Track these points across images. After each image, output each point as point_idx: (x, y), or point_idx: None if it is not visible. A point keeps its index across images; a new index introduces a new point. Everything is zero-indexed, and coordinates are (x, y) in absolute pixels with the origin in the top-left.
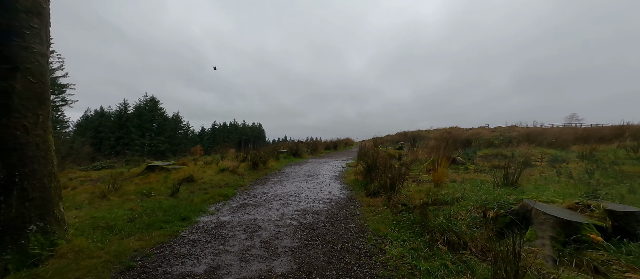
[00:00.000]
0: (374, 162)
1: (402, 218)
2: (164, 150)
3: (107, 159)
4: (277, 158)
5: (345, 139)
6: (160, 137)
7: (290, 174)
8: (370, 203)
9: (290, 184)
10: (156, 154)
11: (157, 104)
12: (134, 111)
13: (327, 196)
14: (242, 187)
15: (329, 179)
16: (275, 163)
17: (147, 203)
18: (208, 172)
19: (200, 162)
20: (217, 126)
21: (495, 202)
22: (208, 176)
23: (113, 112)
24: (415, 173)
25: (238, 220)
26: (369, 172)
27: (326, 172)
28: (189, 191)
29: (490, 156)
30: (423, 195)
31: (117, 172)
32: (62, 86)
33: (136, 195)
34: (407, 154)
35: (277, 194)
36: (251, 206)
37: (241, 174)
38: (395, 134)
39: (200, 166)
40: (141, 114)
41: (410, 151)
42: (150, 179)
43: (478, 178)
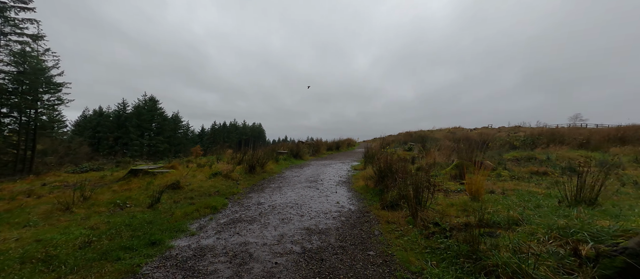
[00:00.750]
0: (387, 167)
1: (437, 243)
2: (163, 150)
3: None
4: (276, 160)
5: (347, 140)
6: (159, 137)
7: (290, 179)
8: (389, 219)
9: (291, 192)
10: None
11: (156, 103)
12: (133, 110)
13: (335, 208)
14: (234, 196)
15: (334, 185)
16: (274, 166)
17: (116, 218)
18: (198, 177)
19: (193, 164)
20: (217, 126)
21: (583, 231)
22: (197, 181)
23: (112, 112)
24: (438, 180)
25: (224, 244)
26: (381, 179)
27: (331, 176)
28: (173, 200)
29: (522, 160)
30: (459, 211)
31: (97, 177)
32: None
33: (108, 206)
34: (418, 156)
35: (276, 205)
36: (243, 223)
37: (235, 180)
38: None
39: (191, 170)
40: (140, 113)
41: (422, 153)
42: (131, 185)
43: (520, 188)
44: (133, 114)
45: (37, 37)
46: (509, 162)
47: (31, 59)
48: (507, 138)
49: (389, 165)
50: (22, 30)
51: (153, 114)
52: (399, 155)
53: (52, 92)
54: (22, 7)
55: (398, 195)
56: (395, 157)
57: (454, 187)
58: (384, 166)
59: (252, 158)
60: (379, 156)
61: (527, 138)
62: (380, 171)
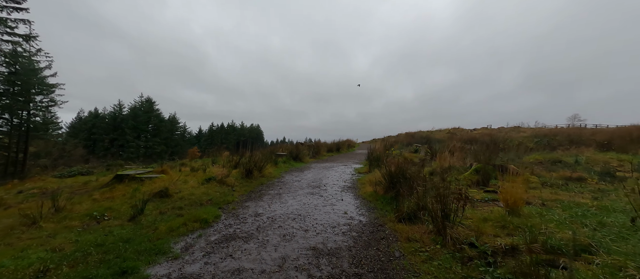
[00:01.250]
0: (400, 172)
1: (478, 273)
2: (159, 152)
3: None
4: (275, 163)
5: (347, 141)
6: (156, 139)
7: (291, 184)
8: (409, 235)
9: (292, 200)
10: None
11: (153, 104)
12: (129, 112)
13: (344, 220)
14: (229, 206)
15: (340, 191)
16: (273, 169)
17: (87, 236)
18: (190, 182)
19: (187, 168)
20: (214, 127)
21: None
22: (189, 188)
23: (107, 113)
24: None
25: (213, 272)
26: (392, 185)
27: (334, 180)
28: (159, 211)
29: (546, 163)
30: (496, 228)
31: (81, 183)
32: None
33: (83, 219)
34: (426, 158)
35: (276, 217)
36: (237, 240)
37: (231, 186)
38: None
39: (184, 174)
40: (136, 115)
41: (428, 155)
42: (115, 192)
43: (561, 198)
44: (129, 115)
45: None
46: (533, 166)
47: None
48: (520, 139)
49: (402, 170)
50: (13, 30)
51: (149, 115)
52: (406, 157)
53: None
54: (15, 7)
55: (416, 205)
56: (401, 159)
57: (479, 195)
58: (395, 170)
59: (249, 161)
60: (386, 158)
61: (541, 139)
62: (390, 176)
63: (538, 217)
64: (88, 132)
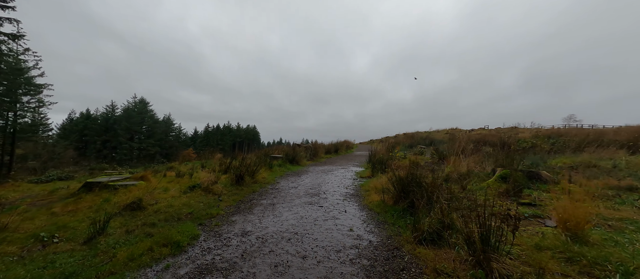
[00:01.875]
0: (412, 179)
1: None
2: (154, 153)
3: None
4: (270, 167)
5: (345, 142)
6: (149, 141)
7: (286, 192)
8: (436, 264)
9: (287, 212)
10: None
11: (146, 105)
12: (122, 113)
13: (350, 241)
14: (212, 221)
15: (342, 200)
16: (267, 174)
17: (17, 270)
18: (171, 191)
19: (173, 173)
20: (210, 128)
21: None
22: (168, 198)
23: (100, 114)
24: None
25: None
26: (404, 193)
27: (335, 187)
28: (125, 229)
29: (579, 168)
30: (561, 262)
31: (47, 192)
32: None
33: (26, 242)
34: (433, 161)
35: (267, 236)
36: (214, 274)
37: (218, 194)
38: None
39: (166, 181)
40: (129, 116)
41: (435, 158)
42: (80, 204)
43: (624, 215)
44: (122, 116)
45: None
46: (567, 172)
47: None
48: (531, 139)
49: (415, 176)
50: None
51: (143, 116)
52: (412, 160)
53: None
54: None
55: (440, 222)
56: (407, 162)
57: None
58: (406, 176)
59: (240, 166)
60: (390, 162)
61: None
62: (401, 183)
63: (614, 245)
64: (79, 133)
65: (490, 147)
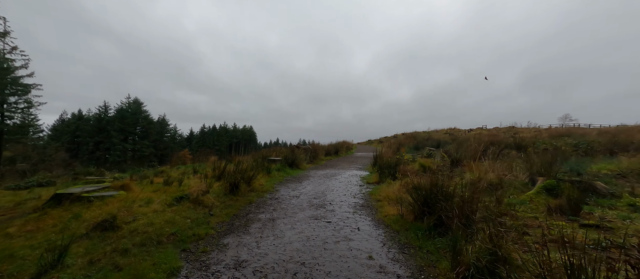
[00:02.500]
0: (437, 190)
1: None
2: (148, 155)
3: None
4: (268, 172)
5: (345, 143)
6: (144, 142)
7: (288, 203)
8: None
9: (290, 231)
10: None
11: (140, 106)
12: (115, 113)
13: (372, 275)
14: (199, 244)
15: (351, 213)
16: (265, 180)
17: None
18: (155, 203)
19: (160, 179)
20: (206, 129)
21: None
22: (150, 212)
23: (92, 115)
24: (523, 213)
25: None
26: (428, 208)
27: (341, 195)
28: (89, 258)
29: (633, 176)
30: None
31: (12, 204)
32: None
33: None
34: (445, 165)
35: (267, 268)
36: None
37: (209, 207)
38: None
39: (151, 190)
40: (123, 117)
41: (449, 162)
42: (44, 221)
43: None
44: (116, 117)
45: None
46: (618, 181)
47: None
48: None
49: (441, 187)
50: None
51: (137, 117)
52: (422, 164)
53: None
54: None
55: (491, 254)
56: (417, 166)
57: (580, 233)
58: (428, 186)
59: (235, 172)
60: (401, 166)
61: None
62: (421, 193)
63: None
64: (71, 135)
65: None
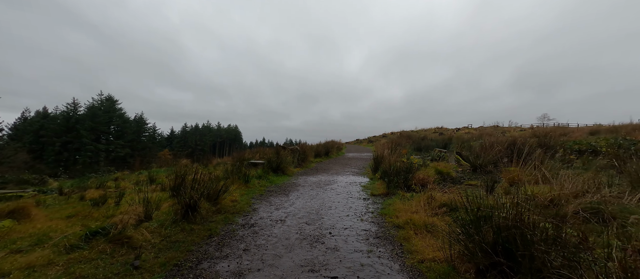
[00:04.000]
0: (528, 230)
1: None
2: (124, 156)
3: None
4: (245, 180)
5: (333, 142)
6: (119, 142)
7: (267, 237)
8: None
9: None
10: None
11: (114, 103)
12: (86, 111)
13: None
14: None
15: (365, 252)
16: (240, 192)
17: None
18: (45, 248)
19: (96, 193)
20: (188, 128)
21: None
22: (34, 262)
23: (59, 113)
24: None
25: None
26: (507, 254)
27: (343, 217)
28: None
29: None
30: None
31: None
32: None
33: None
34: (464, 171)
35: None
36: None
37: (137, 249)
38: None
39: (65, 214)
40: (95, 115)
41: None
42: None
43: None
44: (86, 115)
45: None
46: None
47: None
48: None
49: (526, 223)
50: None
51: (111, 115)
52: (439, 170)
53: None
54: None
55: None
56: (432, 172)
57: None
58: (503, 221)
59: (194, 187)
60: (414, 174)
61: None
62: (493, 230)
63: None
64: (35, 134)
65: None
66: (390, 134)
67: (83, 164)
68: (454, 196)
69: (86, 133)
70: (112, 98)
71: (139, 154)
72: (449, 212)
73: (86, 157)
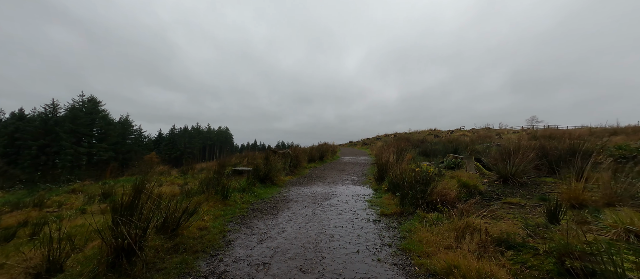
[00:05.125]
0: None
1: None
2: (107, 159)
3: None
4: (224, 195)
5: (326, 145)
6: (102, 145)
7: None
8: None
9: None
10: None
11: (97, 105)
12: (67, 113)
13: None
14: None
15: None
16: (214, 214)
17: None
18: None
19: (14, 216)
20: (176, 130)
21: None
22: None
23: (38, 115)
24: None
25: None
26: None
27: (352, 255)
28: None
29: None
30: None
31: None
32: None
33: None
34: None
35: None
36: None
37: None
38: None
39: None
40: (76, 117)
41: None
42: None
43: None
44: (66, 117)
45: None
46: None
47: None
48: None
49: None
50: None
51: (94, 117)
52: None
53: None
54: None
55: None
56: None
57: None
58: None
59: (139, 213)
60: (434, 188)
61: None
62: None
63: None
64: (10, 137)
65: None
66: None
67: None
68: (507, 227)
69: (66, 136)
70: (94, 99)
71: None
72: (502, 247)
73: (66, 161)
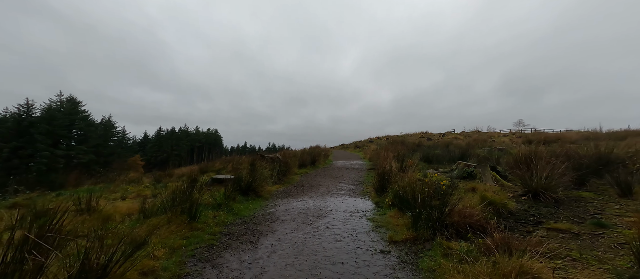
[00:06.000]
0: None
1: None
2: (87, 162)
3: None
4: (191, 216)
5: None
6: (81, 147)
7: None
8: None
9: None
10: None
11: (77, 105)
12: (43, 113)
13: None
14: None
15: None
16: (171, 245)
17: None
18: None
19: None
20: (163, 132)
21: None
22: None
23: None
24: None
25: None
26: None
27: None
28: None
29: None
30: None
31: None
32: None
33: None
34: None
35: None
36: None
37: None
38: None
39: None
40: (53, 118)
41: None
42: None
43: None
44: (43, 118)
45: None
46: None
47: None
48: None
49: None
50: None
51: (73, 118)
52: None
53: None
54: None
55: None
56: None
57: None
58: None
59: None
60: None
61: None
62: None
63: None
64: None
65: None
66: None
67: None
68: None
69: (41, 137)
70: (74, 99)
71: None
72: None
73: (41, 165)
